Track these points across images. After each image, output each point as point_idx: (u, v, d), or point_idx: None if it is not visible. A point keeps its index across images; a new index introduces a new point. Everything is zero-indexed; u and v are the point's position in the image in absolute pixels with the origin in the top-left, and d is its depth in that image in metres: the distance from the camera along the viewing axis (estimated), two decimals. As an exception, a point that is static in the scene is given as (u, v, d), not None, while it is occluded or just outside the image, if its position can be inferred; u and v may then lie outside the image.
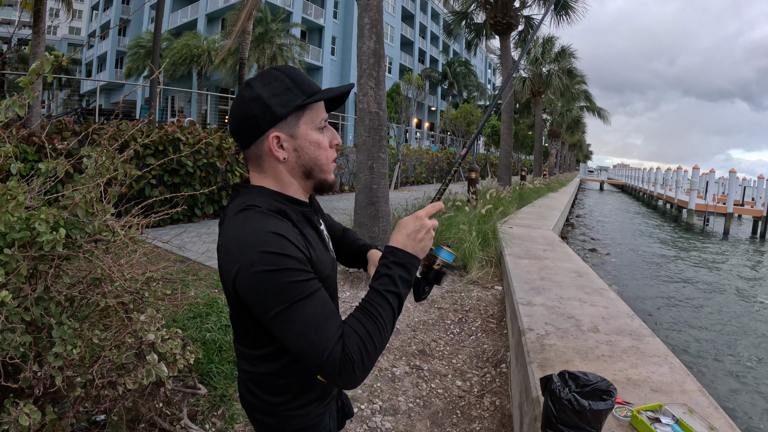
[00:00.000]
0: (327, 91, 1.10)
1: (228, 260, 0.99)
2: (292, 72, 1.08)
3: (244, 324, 1.09)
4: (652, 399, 2.23)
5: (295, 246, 0.97)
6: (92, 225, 1.96)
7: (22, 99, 1.98)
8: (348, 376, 0.95)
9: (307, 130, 1.08)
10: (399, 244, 1.10)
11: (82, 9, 51.50)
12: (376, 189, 5.28)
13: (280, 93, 1.05)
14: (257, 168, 1.10)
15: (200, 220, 8.76)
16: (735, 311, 9.95)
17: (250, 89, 1.06)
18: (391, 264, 1.07)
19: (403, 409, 3.16)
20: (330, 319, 0.97)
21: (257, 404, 1.14)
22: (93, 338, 1.91)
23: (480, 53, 61.02)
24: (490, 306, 5.22)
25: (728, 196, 24.60)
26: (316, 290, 0.98)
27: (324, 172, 1.12)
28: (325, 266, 1.10)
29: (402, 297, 1.06)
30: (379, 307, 1.02)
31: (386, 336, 1.02)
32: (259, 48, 27.15)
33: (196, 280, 4.90)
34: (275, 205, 1.04)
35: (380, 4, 5.33)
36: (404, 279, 1.06)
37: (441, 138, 43.04)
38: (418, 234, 1.10)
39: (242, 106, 1.06)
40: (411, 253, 1.09)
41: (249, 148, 1.09)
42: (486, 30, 18.48)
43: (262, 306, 0.96)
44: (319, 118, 1.10)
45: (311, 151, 1.09)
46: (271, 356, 1.10)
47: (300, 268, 0.96)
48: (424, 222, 1.11)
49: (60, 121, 7.33)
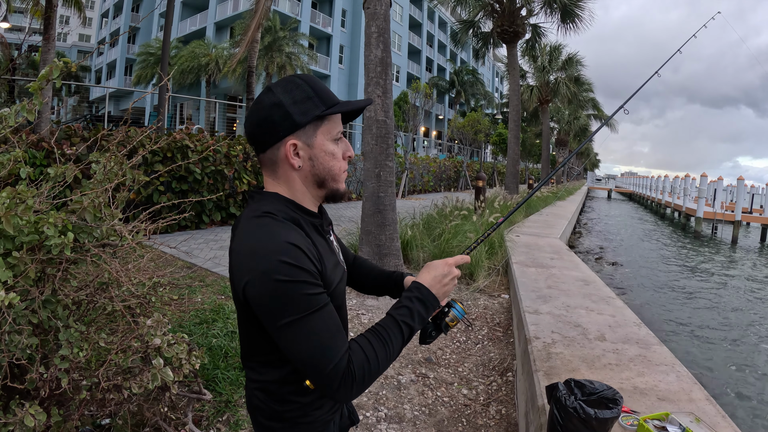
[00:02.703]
0: (346, 104, 1.11)
1: (241, 265, 1.00)
2: (313, 81, 1.09)
3: (250, 329, 1.09)
4: (659, 407, 2.21)
5: (309, 259, 0.98)
6: (100, 229, 1.97)
7: (32, 104, 2.00)
8: (345, 391, 0.98)
9: (324, 140, 1.09)
10: (426, 283, 1.17)
11: (92, 17, 52.08)
12: (383, 197, 5.28)
13: (301, 101, 1.05)
14: (271, 174, 1.11)
15: (208, 227, 8.79)
16: (744, 319, 9.86)
17: (271, 94, 1.06)
18: (414, 298, 1.14)
19: (409, 417, 3.15)
20: (336, 334, 0.99)
21: (263, 408, 1.14)
22: (99, 341, 1.92)
23: (487, 62, 61.09)
24: (497, 314, 5.20)
25: (736, 204, 24.40)
26: (326, 304, 1.00)
27: (336, 182, 1.13)
28: (334, 278, 1.11)
29: (414, 331, 1.12)
30: (391, 333, 1.07)
31: (389, 362, 1.06)
32: (267, 56, 27.32)
33: (203, 287, 4.92)
34: (289, 214, 1.05)
35: (387, 13, 5.36)
36: (421, 315, 1.13)
37: (448, 146, 43.05)
38: (445, 278, 1.19)
39: (261, 111, 1.06)
40: (434, 294, 1.16)
41: (264, 153, 1.09)
42: (493, 38, 18.55)
43: (271, 314, 0.96)
44: (336, 129, 1.11)
45: (326, 161, 1.09)
46: (276, 363, 1.10)
47: (312, 281, 0.97)
48: (452, 270, 1.21)
49: (69, 127, 7.40)
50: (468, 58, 53.69)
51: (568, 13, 16.84)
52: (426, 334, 1.26)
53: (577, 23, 17.13)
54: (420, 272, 1.22)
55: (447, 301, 1.28)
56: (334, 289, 1.10)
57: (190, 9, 36.48)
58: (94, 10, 53.39)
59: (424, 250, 6.73)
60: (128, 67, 40.83)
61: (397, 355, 1.08)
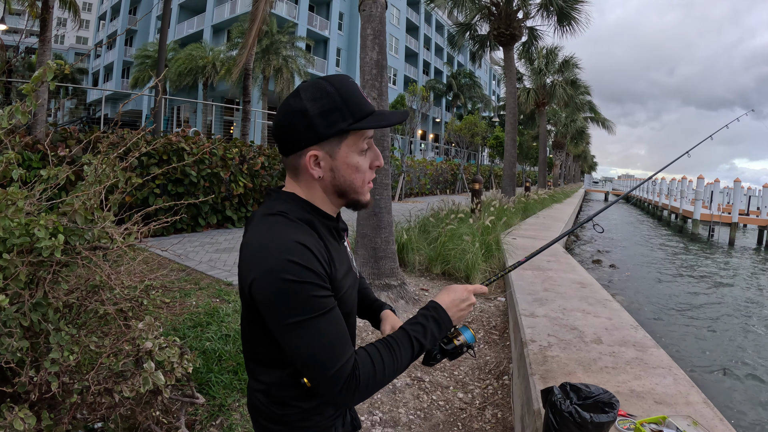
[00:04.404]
0: (378, 119, 1.05)
1: (249, 261, 0.99)
2: (345, 89, 1.02)
3: (254, 328, 1.08)
4: (656, 411, 2.20)
5: (318, 260, 0.97)
6: (91, 232, 1.95)
7: (25, 106, 1.98)
8: (346, 396, 0.97)
9: (348, 153, 1.05)
10: (444, 305, 1.18)
11: (90, 19, 52.05)
12: (378, 200, 5.27)
13: (328, 112, 1.00)
14: (293, 175, 1.09)
15: (204, 230, 8.76)
16: (742, 322, 9.87)
17: (298, 100, 1.01)
18: (430, 317, 1.14)
19: (404, 421, 3.13)
20: (341, 338, 0.99)
21: (264, 410, 1.13)
22: (90, 345, 1.90)
23: (484, 65, 61.19)
24: (493, 317, 5.19)
25: (733, 206, 24.48)
26: (332, 308, 0.99)
27: (358, 194, 1.10)
28: (345, 283, 1.09)
29: (424, 349, 1.12)
30: (402, 346, 1.07)
31: (395, 375, 1.06)
32: (264, 59, 27.31)
33: (198, 290, 4.89)
34: (304, 215, 1.04)
35: (383, 15, 5.35)
36: (433, 335, 1.13)
37: (445, 149, 43.11)
38: (462, 303, 1.20)
39: (286, 116, 1.02)
40: (450, 316, 1.17)
41: (287, 157, 1.07)
42: (490, 41, 18.56)
43: (276, 313, 0.95)
44: (363, 139, 1.07)
45: (348, 174, 1.06)
46: (278, 364, 1.09)
47: (320, 283, 0.96)
48: (471, 296, 1.22)
49: (65, 129, 7.38)
50: (465, 61, 53.78)
51: (564, 15, 16.85)
52: (431, 356, 1.25)
53: (573, 26, 17.14)
54: (439, 293, 1.22)
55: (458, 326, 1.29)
56: (344, 295, 1.09)
57: (188, 12, 36.50)
58: (91, 12, 53.38)
59: (420, 253, 6.72)
60: (126, 70, 40.81)
61: (403, 370, 1.08)
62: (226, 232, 8.68)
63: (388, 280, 5.22)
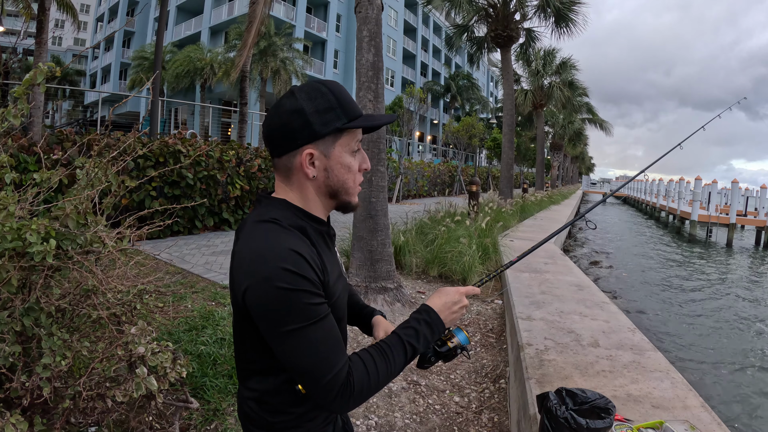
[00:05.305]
0: (369, 119, 1.09)
1: (242, 269, 0.98)
2: (338, 91, 1.06)
3: (246, 335, 1.07)
4: (653, 415, 2.19)
5: (312, 268, 0.97)
6: (84, 236, 1.94)
7: (17, 109, 1.97)
8: (341, 402, 0.98)
9: (342, 152, 1.07)
10: (436, 308, 1.18)
11: (88, 21, 52.01)
12: (375, 202, 5.25)
13: (324, 111, 1.02)
14: (284, 179, 1.09)
15: (201, 232, 8.73)
16: (740, 324, 9.86)
17: (294, 99, 1.03)
18: (422, 321, 1.14)
19: (400, 425, 3.11)
20: (336, 345, 0.99)
21: (255, 418, 1.12)
22: (82, 350, 1.88)
23: (482, 66, 61.29)
24: (490, 320, 5.17)
25: (731, 207, 24.50)
26: (326, 315, 0.99)
27: (349, 195, 1.12)
28: (336, 289, 1.09)
29: (417, 352, 1.12)
30: (395, 351, 1.07)
31: (389, 380, 1.06)
32: (261, 61, 27.27)
33: (194, 293, 4.87)
34: (296, 222, 1.04)
35: (379, 17, 5.34)
36: (426, 338, 1.13)
37: (443, 151, 43.11)
38: (454, 306, 1.20)
39: (282, 116, 1.03)
40: (442, 319, 1.17)
41: (280, 158, 1.07)
42: (487, 43, 18.58)
43: (270, 321, 0.95)
44: (355, 140, 1.09)
45: (341, 173, 1.08)
46: (271, 372, 1.08)
47: (314, 291, 0.96)
48: (463, 298, 1.22)
49: (61, 132, 7.35)
50: (463, 63, 53.82)
51: (562, 17, 16.87)
52: (425, 359, 1.25)
53: (570, 27, 17.14)
54: (431, 296, 1.22)
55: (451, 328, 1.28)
56: (336, 301, 1.09)
57: (185, 13, 36.44)
58: (89, 14, 53.35)
59: (417, 255, 6.70)
60: (123, 72, 40.74)
61: (397, 374, 1.08)
62: (222, 235, 8.66)
63: (384, 283, 5.20)
